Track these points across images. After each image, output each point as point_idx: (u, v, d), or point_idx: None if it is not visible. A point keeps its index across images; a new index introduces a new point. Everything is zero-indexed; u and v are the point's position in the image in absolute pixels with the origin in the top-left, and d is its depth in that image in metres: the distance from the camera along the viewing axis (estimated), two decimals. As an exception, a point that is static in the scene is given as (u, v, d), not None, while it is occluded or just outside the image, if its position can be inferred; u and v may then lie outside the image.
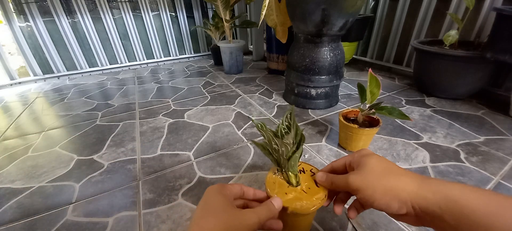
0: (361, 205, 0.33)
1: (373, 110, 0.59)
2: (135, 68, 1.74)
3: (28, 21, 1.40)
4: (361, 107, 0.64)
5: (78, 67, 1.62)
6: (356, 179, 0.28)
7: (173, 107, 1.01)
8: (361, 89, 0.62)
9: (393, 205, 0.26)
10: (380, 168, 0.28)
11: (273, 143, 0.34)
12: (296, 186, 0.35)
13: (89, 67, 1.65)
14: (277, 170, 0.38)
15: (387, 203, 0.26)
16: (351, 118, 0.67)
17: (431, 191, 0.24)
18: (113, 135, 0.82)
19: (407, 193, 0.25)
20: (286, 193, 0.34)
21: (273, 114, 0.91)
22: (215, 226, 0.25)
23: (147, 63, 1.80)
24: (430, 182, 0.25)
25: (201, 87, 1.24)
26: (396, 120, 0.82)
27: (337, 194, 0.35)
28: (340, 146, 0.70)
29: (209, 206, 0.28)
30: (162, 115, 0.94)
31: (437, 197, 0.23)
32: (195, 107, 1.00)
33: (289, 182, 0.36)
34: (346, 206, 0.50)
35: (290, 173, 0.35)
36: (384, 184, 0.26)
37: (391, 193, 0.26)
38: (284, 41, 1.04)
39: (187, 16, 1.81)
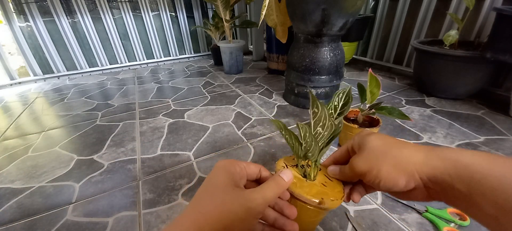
0: (365, 188, 0.31)
1: (373, 110, 0.59)
2: (135, 68, 1.74)
3: (28, 21, 1.40)
4: (361, 107, 0.64)
5: (78, 67, 1.62)
6: (358, 162, 0.27)
7: (173, 107, 1.01)
8: (361, 89, 0.62)
9: (400, 181, 0.24)
10: (381, 144, 0.26)
11: (308, 132, 0.30)
12: (313, 180, 0.33)
13: (89, 67, 1.65)
14: (287, 165, 0.35)
15: (393, 179, 0.24)
16: (351, 118, 0.67)
17: (439, 158, 0.22)
18: (113, 135, 0.82)
19: (413, 164, 0.23)
20: (309, 189, 0.31)
21: (273, 114, 0.90)
22: (210, 210, 0.23)
23: (147, 63, 1.80)
24: (437, 150, 0.24)
25: (201, 87, 1.24)
26: (396, 120, 0.82)
27: (353, 185, 0.33)
28: (340, 146, 0.70)
29: (209, 186, 0.25)
30: (162, 115, 0.94)
31: (446, 164, 0.22)
32: (195, 107, 1.00)
33: (305, 176, 0.33)
34: (346, 205, 0.50)
35: (313, 165, 0.33)
36: (387, 161, 0.25)
37: (396, 168, 0.24)
38: (284, 41, 1.04)
39: (187, 16, 1.81)
